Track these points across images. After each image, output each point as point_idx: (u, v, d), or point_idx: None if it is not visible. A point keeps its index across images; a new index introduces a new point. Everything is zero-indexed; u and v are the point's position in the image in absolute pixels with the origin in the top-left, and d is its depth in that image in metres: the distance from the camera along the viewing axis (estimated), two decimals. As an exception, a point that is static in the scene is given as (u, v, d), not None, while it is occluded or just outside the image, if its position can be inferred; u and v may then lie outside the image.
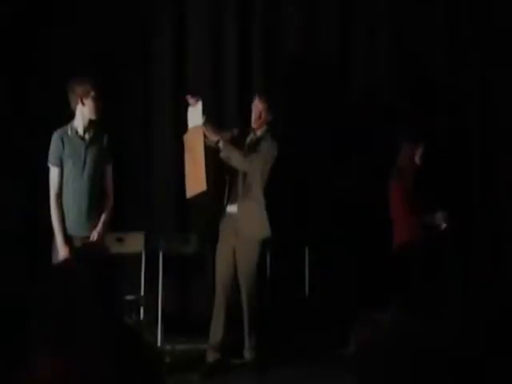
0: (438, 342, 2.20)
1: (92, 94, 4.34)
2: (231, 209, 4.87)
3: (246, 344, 4.93)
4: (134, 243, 5.18)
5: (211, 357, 4.87)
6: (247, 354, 4.94)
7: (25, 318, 2.03)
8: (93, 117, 4.39)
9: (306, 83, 5.78)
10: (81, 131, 4.41)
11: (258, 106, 4.90)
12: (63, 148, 4.38)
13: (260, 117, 4.90)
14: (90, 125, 4.42)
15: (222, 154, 4.76)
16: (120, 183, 4.83)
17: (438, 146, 5.73)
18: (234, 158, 4.77)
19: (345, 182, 5.67)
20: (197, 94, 4.86)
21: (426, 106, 5.74)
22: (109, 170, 4.51)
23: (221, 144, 4.73)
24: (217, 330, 4.84)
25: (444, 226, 4.98)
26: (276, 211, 5.36)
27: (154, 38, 5.76)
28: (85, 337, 1.96)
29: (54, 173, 4.40)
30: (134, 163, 5.63)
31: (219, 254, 4.90)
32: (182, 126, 5.73)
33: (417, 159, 5.06)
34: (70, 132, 4.41)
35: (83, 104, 4.36)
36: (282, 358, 5.00)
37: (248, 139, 4.95)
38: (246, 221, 4.80)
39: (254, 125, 4.93)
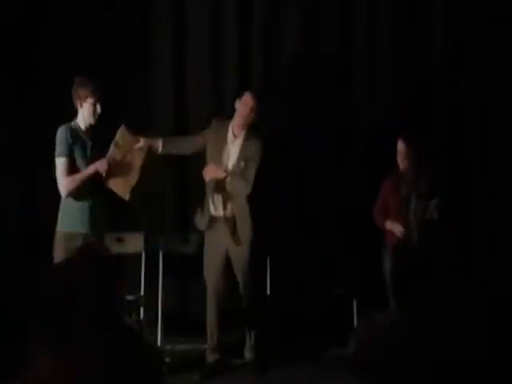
0: (437, 341, 2.20)
1: (90, 100, 4.34)
2: (221, 212, 4.84)
3: (247, 344, 4.94)
4: (134, 243, 5.18)
5: (210, 357, 4.87)
6: (247, 354, 4.95)
7: (25, 317, 2.03)
8: (90, 121, 4.39)
9: (305, 83, 5.78)
10: (83, 129, 4.42)
11: (250, 102, 4.79)
12: (72, 139, 4.36)
13: (250, 113, 4.82)
14: (91, 125, 4.42)
15: (229, 188, 4.75)
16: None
17: (437, 146, 5.75)
18: (240, 188, 4.77)
19: (345, 182, 5.68)
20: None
21: (425, 106, 5.74)
22: None
23: (228, 179, 4.74)
24: (212, 331, 4.85)
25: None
26: (276, 211, 5.37)
27: (154, 38, 5.76)
28: (85, 337, 1.96)
29: (62, 162, 4.33)
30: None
31: (209, 256, 4.88)
32: (182, 125, 5.77)
33: (401, 160, 5.03)
34: (75, 129, 4.41)
35: (81, 106, 4.37)
36: (282, 358, 5.00)
37: (230, 139, 4.86)
38: (239, 222, 4.80)
39: (242, 120, 4.81)
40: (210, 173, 4.76)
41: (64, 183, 4.34)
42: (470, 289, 2.44)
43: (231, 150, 4.82)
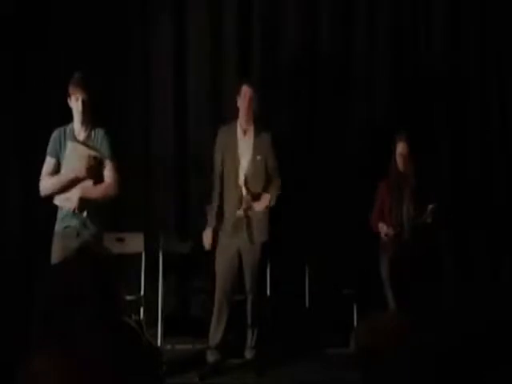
0: (438, 341, 2.21)
1: (74, 96, 4.35)
2: (241, 212, 4.85)
3: (247, 344, 4.94)
4: (134, 243, 5.18)
5: (211, 357, 4.87)
6: (247, 354, 4.94)
7: (25, 318, 2.03)
8: (78, 119, 4.39)
9: (305, 83, 5.79)
10: (76, 131, 4.42)
11: (248, 92, 4.82)
12: (60, 145, 4.40)
13: (250, 105, 4.83)
14: (85, 125, 4.42)
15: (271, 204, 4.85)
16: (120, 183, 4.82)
17: (437, 146, 5.76)
18: (277, 190, 4.89)
19: (344, 181, 5.68)
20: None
21: (425, 106, 5.75)
22: (108, 168, 4.47)
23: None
24: (217, 330, 4.83)
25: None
26: (276, 211, 5.37)
27: (154, 38, 5.76)
28: (85, 337, 1.96)
29: (49, 162, 4.42)
30: (133, 163, 5.63)
31: (222, 254, 4.88)
32: (182, 125, 5.77)
33: (400, 160, 5.04)
34: (68, 131, 4.43)
35: (71, 105, 4.39)
36: (282, 357, 5.00)
37: (241, 136, 4.87)
38: (258, 223, 4.82)
39: (247, 114, 4.81)
40: (266, 203, 4.83)
41: (42, 183, 4.39)
42: (469, 289, 2.44)
43: (244, 147, 4.85)
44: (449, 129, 5.84)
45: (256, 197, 4.83)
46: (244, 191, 4.81)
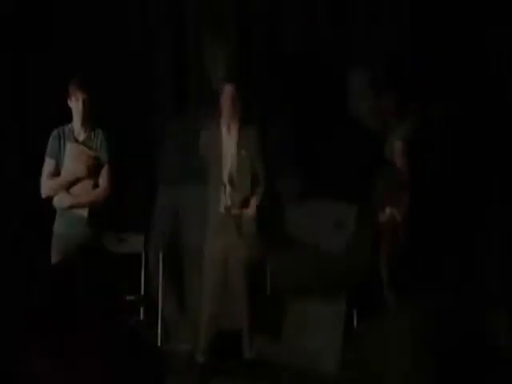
0: (437, 341, 2.21)
1: (74, 97, 4.34)
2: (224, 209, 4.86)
3: (246, 344, 4.93)
4: (134, 243, 5.18)
5: (200, 358, 4.84)
6: (247, 354, 4.94)
7: (25, 318, 2.03)
8: (79, 120, 4.38)
9: (305, 82, 5.79)
10: (76, 131, 4.42)
11: (229, 92, 4.82)
12: (59, 145, 4.40)
13: (232, 103, 4.82)
14: (85, 126, 4.41)
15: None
16: (120, 183, 4.83)
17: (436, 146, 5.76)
18: (261, 192, 4.95)
19: (344, 181, 5.68)
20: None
21: (423, 105, 5.75)
22: (103, 171, 4.46)
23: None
24: (206, 330, 4.83)
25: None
26: (276, 211, 5.38)
27: (154, 38, 5.77)
28: (84, 337, 1.96)
29: (48, 163, 4.41)
30: (133, 163, 5.63)
31: (210, 254, 4.87)
32: (182, 125, 5.78)
33: (398, 158, 5.06)
34: (67, 131, 4.43)
35: (71, 105, 4.39)
36: (283, 357, 5.00)
37: (225, 133, 4.87)
38: (243, 222, 4.81)
39: (229, 111, 4.83)
40: (254, 209, 4.90)
41: (43, 185, 4.38)
42: (468, 288, 2.45)
43: (228, 144, 4.84)
44: (449, 129, 5.84)
45: (243, 203, 4.82)
46: (228, 188, 4.80)
